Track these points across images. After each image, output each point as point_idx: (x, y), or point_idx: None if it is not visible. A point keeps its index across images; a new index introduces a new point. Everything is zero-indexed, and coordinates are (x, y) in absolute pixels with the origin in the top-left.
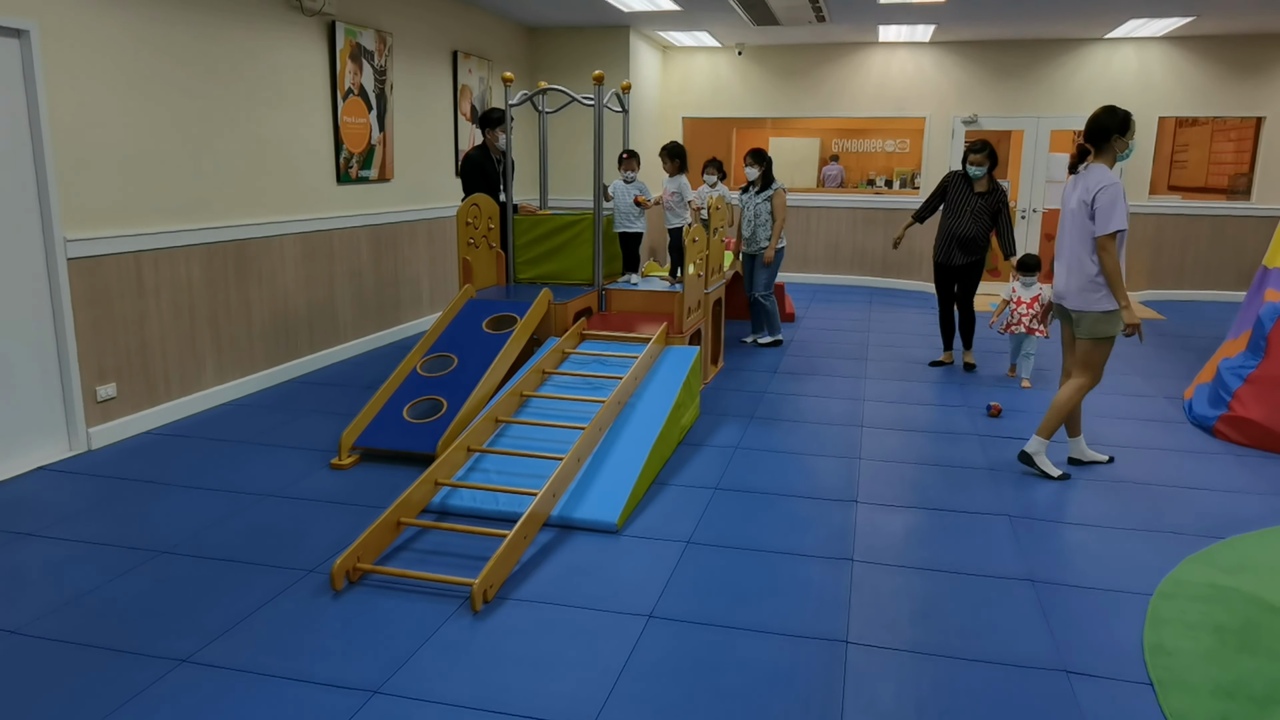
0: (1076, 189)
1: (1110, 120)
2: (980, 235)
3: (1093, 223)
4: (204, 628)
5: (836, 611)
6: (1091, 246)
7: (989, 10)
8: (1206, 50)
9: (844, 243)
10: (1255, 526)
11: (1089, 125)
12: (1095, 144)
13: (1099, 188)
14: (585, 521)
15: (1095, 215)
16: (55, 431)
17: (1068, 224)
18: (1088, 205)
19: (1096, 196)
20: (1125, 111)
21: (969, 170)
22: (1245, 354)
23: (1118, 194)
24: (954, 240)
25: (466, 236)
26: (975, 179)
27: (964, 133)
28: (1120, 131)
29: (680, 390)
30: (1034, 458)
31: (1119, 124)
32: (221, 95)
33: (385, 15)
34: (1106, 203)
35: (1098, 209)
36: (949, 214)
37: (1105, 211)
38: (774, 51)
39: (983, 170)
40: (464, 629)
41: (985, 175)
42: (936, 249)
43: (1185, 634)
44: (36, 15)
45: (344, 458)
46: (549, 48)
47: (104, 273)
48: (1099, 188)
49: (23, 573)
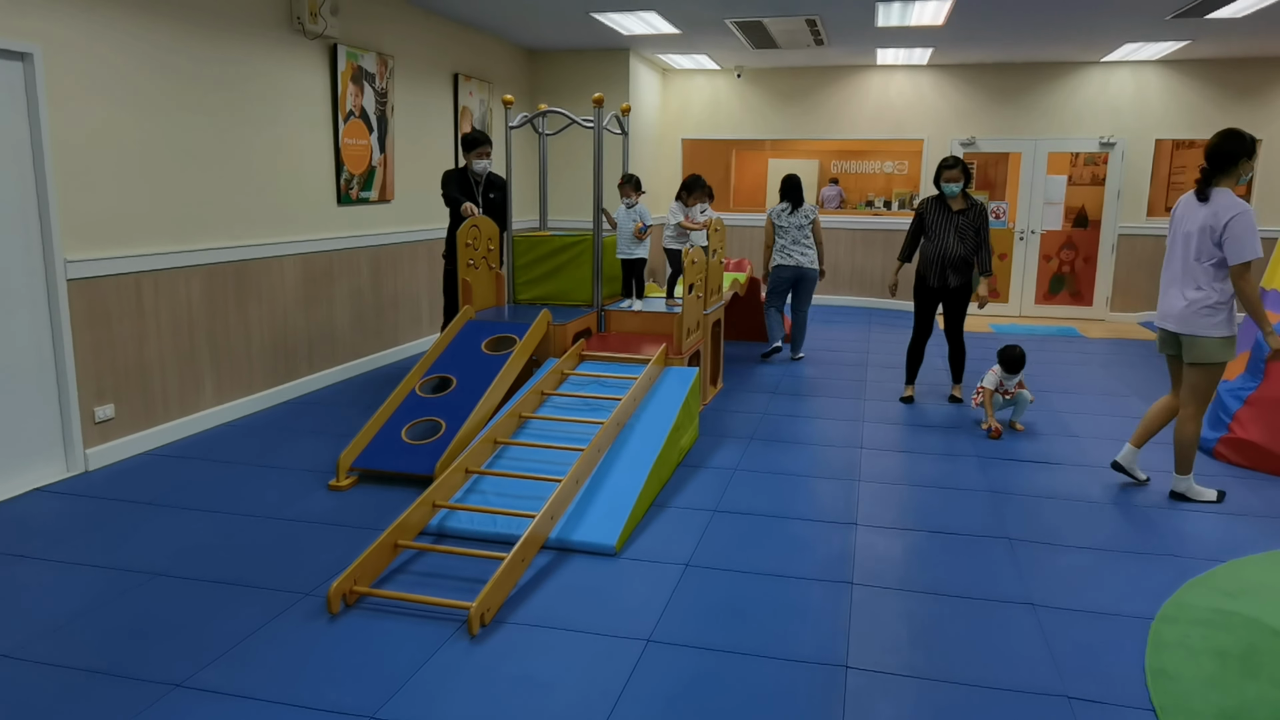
0: (1200, 213)
1: (1237, 145)
2: (969, 253)
3: (1220, 250)
4: (199, 651)
5: (836, 635)
6: (1212, 273)
7: (986, 34)
8: (1203, 74)
9: (843, 264)
10: (1256, 549)
11: (1213, 149)
12: (1220, 168)
13: (1230, 215)
14: (584, 544)
15: (1226, 243)
16: (53, 452)
17: (1180, 247)
18: (1215, 231)
19: (1228, 224)
20: (1250, 135)
21: (945, 189)
22: (1244, 376)
23: (1250, 221)
24: (945, 263)
25: (466, 257)
26: (952, 196)
27: (962, 154)
28: (1248, 155)
29: (679, 411)
30: (1187, 493)
31: (1247, 148)
32: (223, 117)
33: (387, 38)
34: (1240, 230)
35: (1229, 237)
36: (933, 238)
37: (1239, 240)
38: (773, 74)
39: (959, 186)
40: (461, 652)
41: (961, 192)
42: (927, 274)
43: (1187, 659)
44: (40, 39)
45: (342, 479)
46: (549, 70)
47: (104, 293)
48: (1230, 215)
49: (17, 595)
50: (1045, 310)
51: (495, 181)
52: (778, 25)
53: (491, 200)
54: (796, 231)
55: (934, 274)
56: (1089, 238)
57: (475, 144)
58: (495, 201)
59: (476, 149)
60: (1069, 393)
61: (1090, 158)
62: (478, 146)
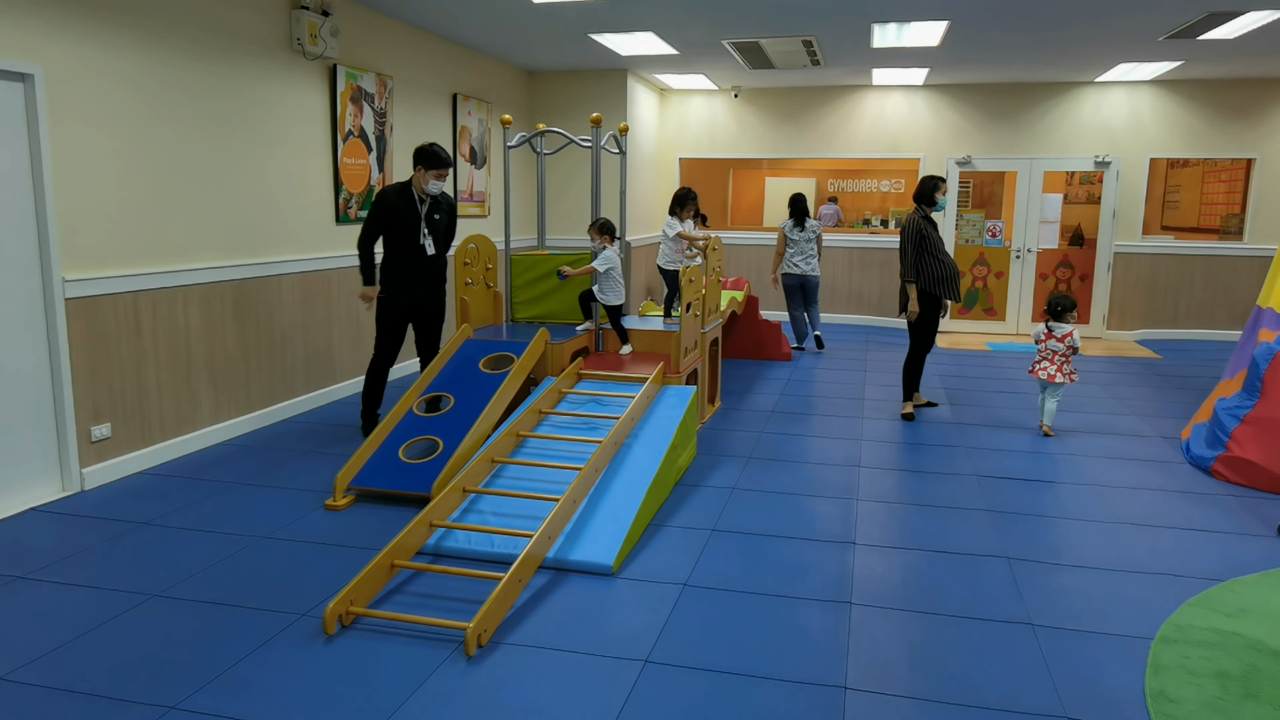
0: None
1: None
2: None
3: None
4: (193, 673)
5: (834, 656)
6: None
7: (981, 55)
8: (1196, 94)
9: (840, 282)
10: (1255, 569)
11: None
12: None
13: None
14: (581, 564)
15: None
16: (48, 472)
17: None
18: None
19: None
20: None
21: (940, 202)
22: (1241, 394)
23: None
24: (956, 277)
25: (464, 276)
26: (943, 210)
27: (958, 173)
28: None
29: (677, 430)
30: None
31: None
32: (222, 137)
33: (386, 59)
34: None
35: None
36: (942, 255)
37: None
38: (770, 94)
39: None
40: (458, 674)
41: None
42: (943, 291)
43: (1188, 681)
44: (41, 59)
45: (339, 499)
46: (547, 90)
47: (101, 313)
48: None
49: (11, 617)
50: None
51: (444, 203)
52: (774, 46)
53: (437, 222)
54: (804, 245)
55: (953, 290)
56: (1085, 256)
57: (438, 164)
58: (441, 224)
59: (437, 169)
60: (1067, 411)
61: (1086, 177)
62: (439, 168)
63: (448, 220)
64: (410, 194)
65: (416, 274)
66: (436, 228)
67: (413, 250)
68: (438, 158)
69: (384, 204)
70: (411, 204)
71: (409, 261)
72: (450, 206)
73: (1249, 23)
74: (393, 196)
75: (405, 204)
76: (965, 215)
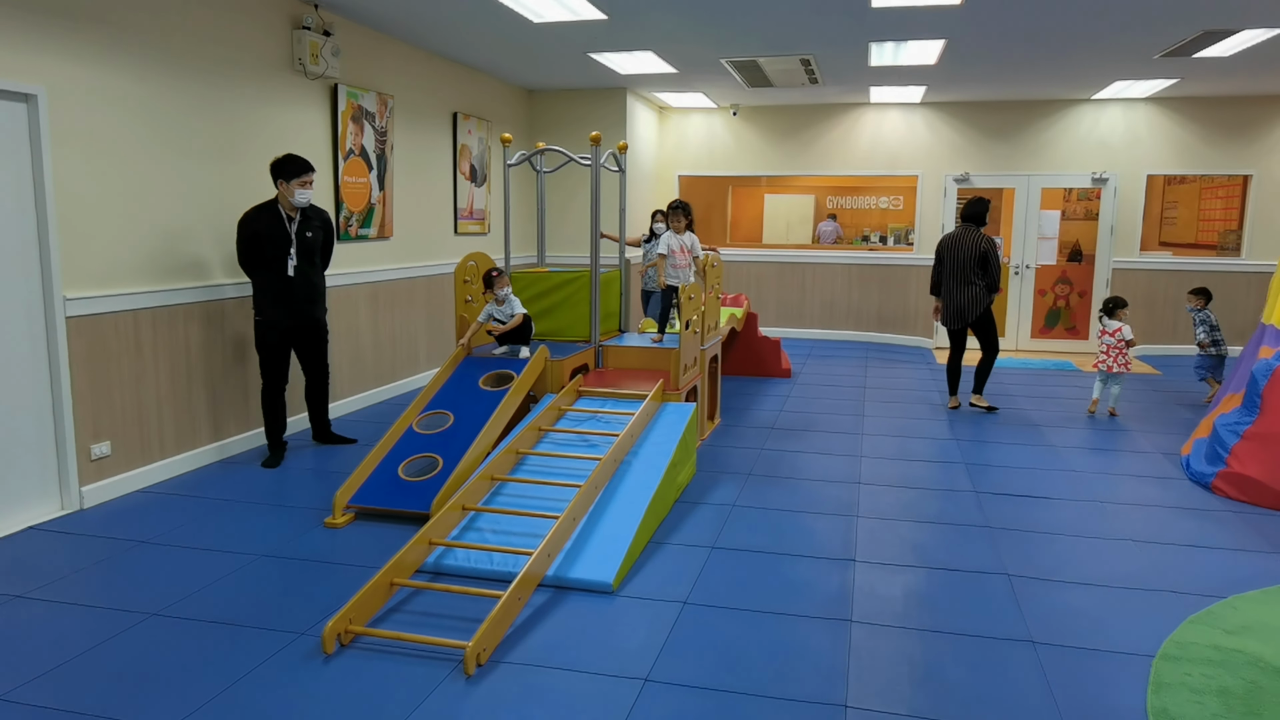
0: None
1: None
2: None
3: None
4: (192, 693)
5: (835, 675)
6: None
7: (978, 73)
8: (1193, 111)
9: (839, 299)
10: (1256, 585)
11: None
12: None
13: None
14: (581, 582)
15: None
16: (48, 490)
17: None
18: None
19: None
20: None
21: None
22: (1240, 410)
23: None
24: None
25: (464, 294)
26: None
27: (956, 190)
28: None
29: (676, 447)
30: None
31: None
32: (224, 156)
33: (387, 78)
34: None
35: None
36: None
37: None
38: (768, 112)
39: None
40: (457, 693)
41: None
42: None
43: (1190, 699)
44: (44, 80)
45: (338, 517)
46: (547, 108)
47: (102, 331)
48: None
49: (10, 637)
50: (1041, 344)
51: (315, 218)
52: (773, 65)
53: (309, 240)
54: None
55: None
56: (1084, 272)
57: (297, 170)
58: (315, 241)
59: (299, 175)
60: (1066, 427)
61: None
62: (301, 174)
63: (323, 236)
64: (276, 213)
65: (290, 296)
66: (309, 245)
67: (283, 272)
68: (296, 163)
69: (246, 228)
70: (278, 223)
71: (281, 283)
72: (325, 221)
73: (1243, 41)
74: (256, 219)
75: (271, 225)
76: None
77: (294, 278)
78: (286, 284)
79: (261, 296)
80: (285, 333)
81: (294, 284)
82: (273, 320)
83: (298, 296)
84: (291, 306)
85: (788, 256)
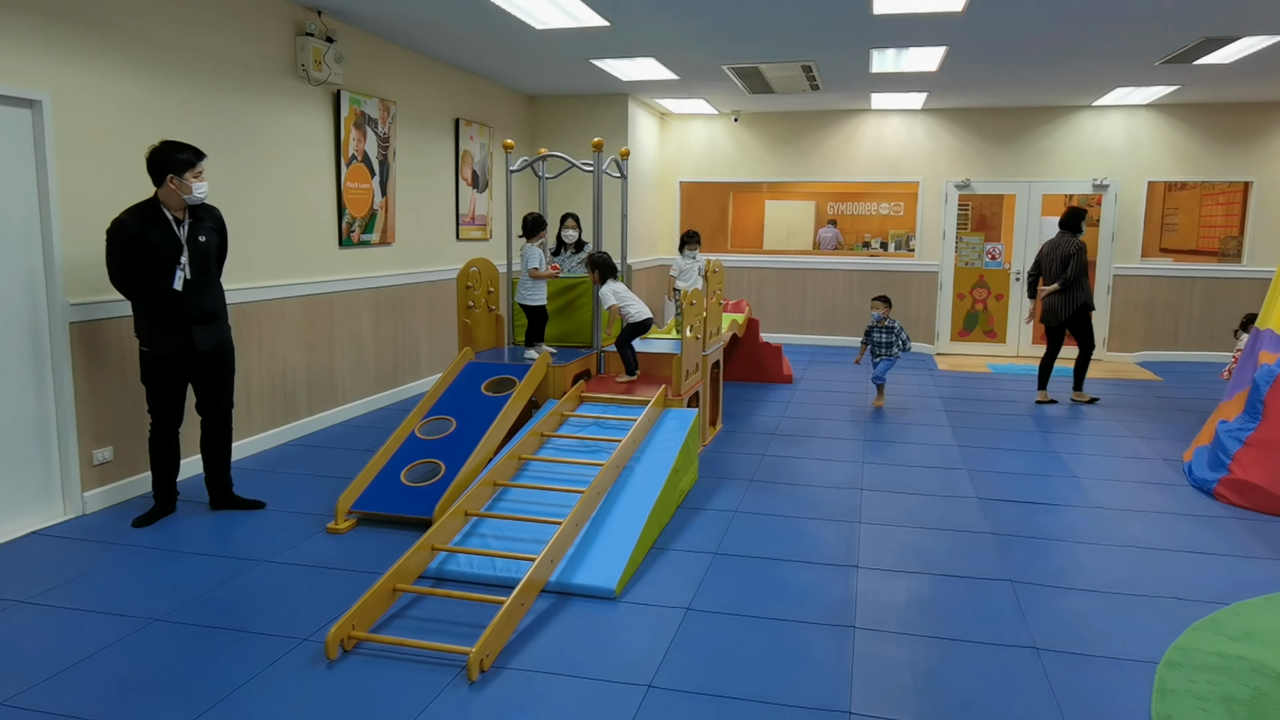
0: None
1: None
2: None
3: None
4: (194, 699)
5: (839, 681)
6: None
7: (978, 79)
8: (1193, 117)
9: (840, 305)
10: (1260, 592)
11: None
12: None
13: None
14: (584, 588)
15: None
16: (50, 495)
17: None
18: None
19: None
20: None
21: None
22: (1243, 416)
23: None
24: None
25: (466, 300)
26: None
27: (957, 197)
28: None
29: (679, 453)
30: None
31: None
32: (228, 162)
33: (390, 84)
34: None
35: None
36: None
37: None
38: (769, 118)
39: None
40: (460, 699)
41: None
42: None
43: (1194, 706)
44: (49, 86)
45: (340, 522)
46: (549, 115)
47: (105, 336)
48: None
49: (12, 643)
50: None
51: (207, 215)
52: (774, 71)
53: (203, 244)
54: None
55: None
56: None
57: (189, 159)
58: (210, 245)
59: (193, 166)
60: (1068, 434)
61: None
62: (195, 164)
63: (217, 238)
64: (159, 215)
65: (183, 316)
66: (203, 251)
67: (169, 287)
68: (185, 150)
69: (120, 235)
70: (163, 227)
71: (169, 300)
72: (217, 220)
73: (1244, 48)
74: (131, 223)
75: (153, 229)
76: (965, 238)
77: (183, 293)
78: (175, 301)
79: (145, 321)
80: (179, 364)
81: (185, 301)
82: (162, 351)
83: (192, 316)
84: (185, 330)
85: (789, 262)
